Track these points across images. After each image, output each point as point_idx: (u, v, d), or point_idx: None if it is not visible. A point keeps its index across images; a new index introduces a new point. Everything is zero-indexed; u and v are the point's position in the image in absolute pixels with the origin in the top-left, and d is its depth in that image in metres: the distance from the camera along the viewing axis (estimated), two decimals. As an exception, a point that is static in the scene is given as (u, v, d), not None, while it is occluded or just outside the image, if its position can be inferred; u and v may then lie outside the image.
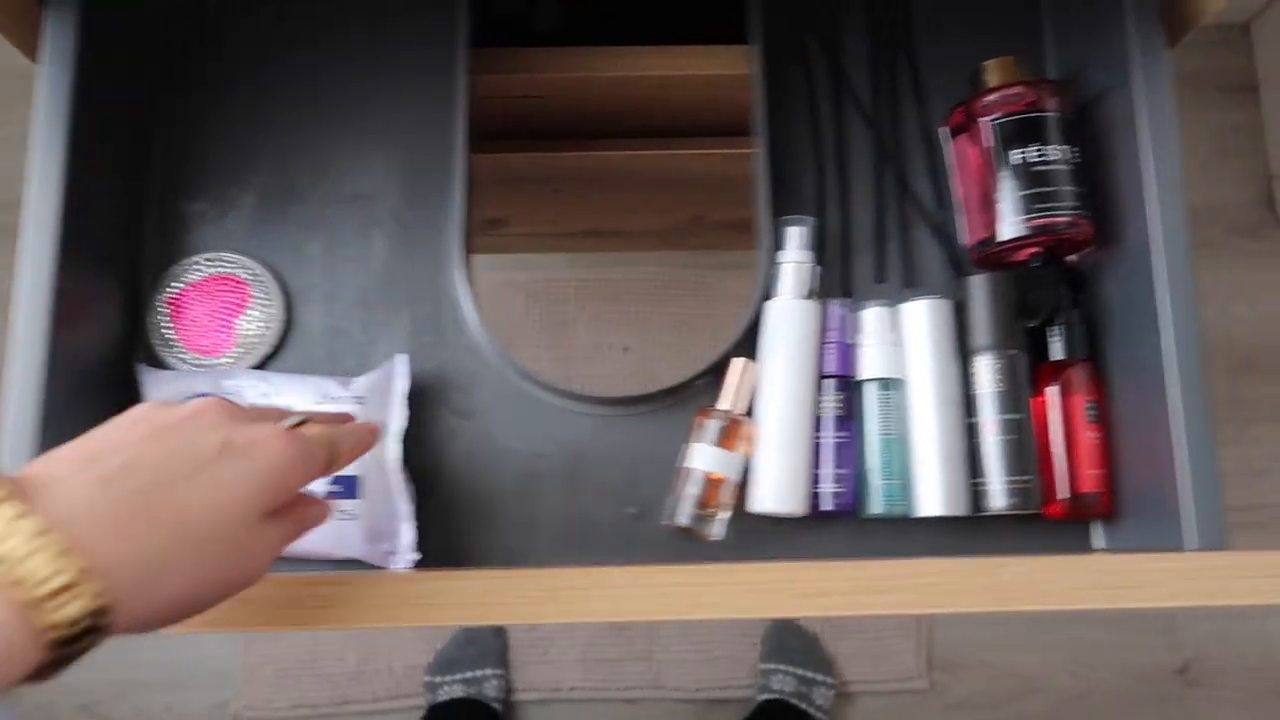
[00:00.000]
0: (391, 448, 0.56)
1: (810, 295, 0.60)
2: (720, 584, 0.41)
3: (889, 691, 1.37)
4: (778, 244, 0.61)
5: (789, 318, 0.59)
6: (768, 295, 0.60)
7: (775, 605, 0.41)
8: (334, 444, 0.41)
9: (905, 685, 1.37)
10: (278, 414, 0.42)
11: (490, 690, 1.31)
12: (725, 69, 0.67)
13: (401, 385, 0.57)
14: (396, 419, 0.56)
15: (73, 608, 0.30)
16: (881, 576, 0.42)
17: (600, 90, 0.71)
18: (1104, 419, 0.58)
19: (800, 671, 1.34)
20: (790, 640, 1.36)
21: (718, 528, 0.57)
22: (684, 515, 0.57)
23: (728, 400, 0.59)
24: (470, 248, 0.63)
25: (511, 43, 0.70)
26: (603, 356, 1.44)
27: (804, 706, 1.30)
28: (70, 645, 0.31)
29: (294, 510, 0.40)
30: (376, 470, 0.56)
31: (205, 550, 0.35)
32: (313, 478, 0.40)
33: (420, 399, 0.60)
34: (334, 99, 0.65)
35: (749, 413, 0.59)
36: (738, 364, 0.59)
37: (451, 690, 1.31)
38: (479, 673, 1.32)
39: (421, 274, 0.62)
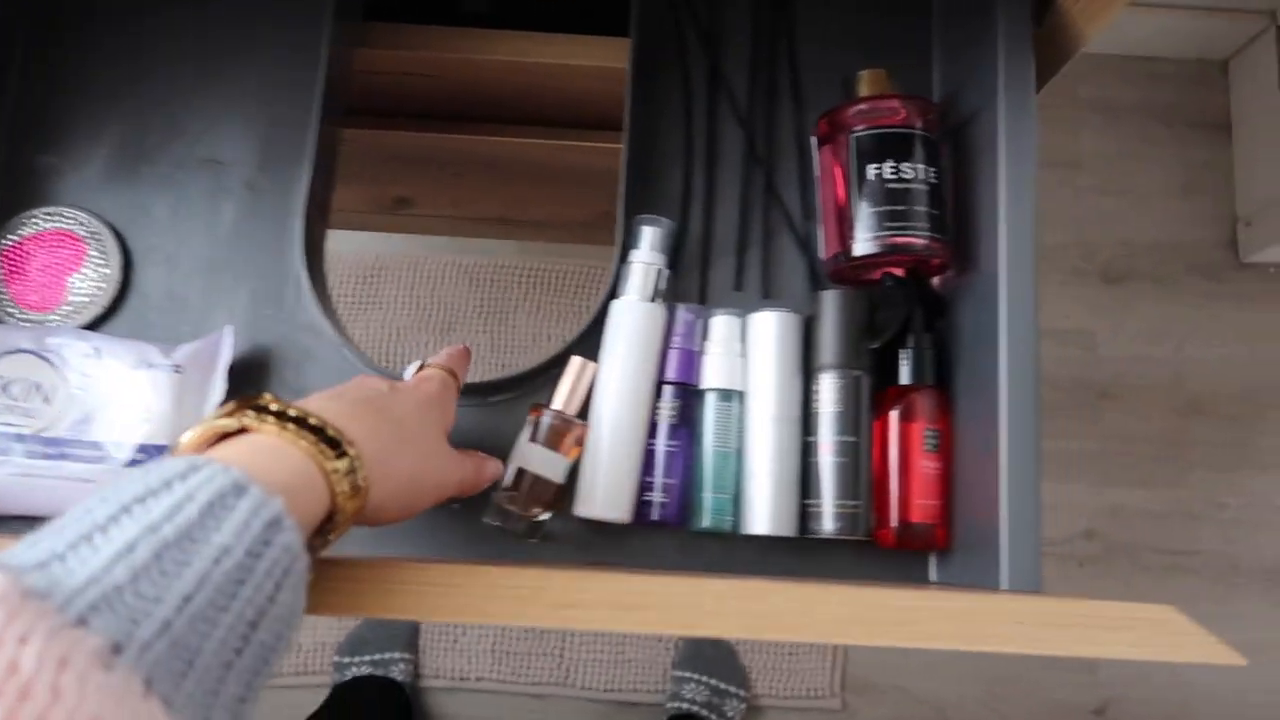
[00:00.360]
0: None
1: (656, 298, 0.58)
2: (468, 587, 0.40)
3: (799, 709, 1.35)
4: (630, 242, 0.59)
5: (631, 319, 0.58)
6: (616, 294, 0.59)
7: (520, 613, 0.39)
8: (451, 368, 0.52)
9: (816, 703, 1.35)
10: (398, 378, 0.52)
11: (397, 674, 1.30)
12: (611, 60, 0.66)
13: (225, 357, 0.56)
14: (216, 391, 0.55)
15: (351, 481, 0.37)
16: (637, 591, 0.40)
17: (491, 74, 0.70)
18: (946, 449, 0.57)
19: (713, 682, 1.32)
20: (706, 649, 1.35)
21: (537, 529, 0.56)
22: (503, 515, 0.55)
23: (561, 400, 0.57)
24: (324, 223, 0.62)
25: (434, 20, 0.68)
26: (540, 347, 1.42)
27: (714, 718, 1.29)
28: (333, 523, 0.37)
29: (474, 456, 0.51)
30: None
31: (418, 446, 0.43)
32: (455, 396, 0.51)
33: (251, 373, 0.58)
34: (199, 60, 0.63)
35: (584, 413, 0.58)
36: (575, 363, 0.58)
37: (359, 671, 1.30)
38: (387, 655, 1.31)
39: (268, 246, 0.60)
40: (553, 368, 0.59)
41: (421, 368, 0.52)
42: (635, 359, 0.57)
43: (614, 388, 0.57)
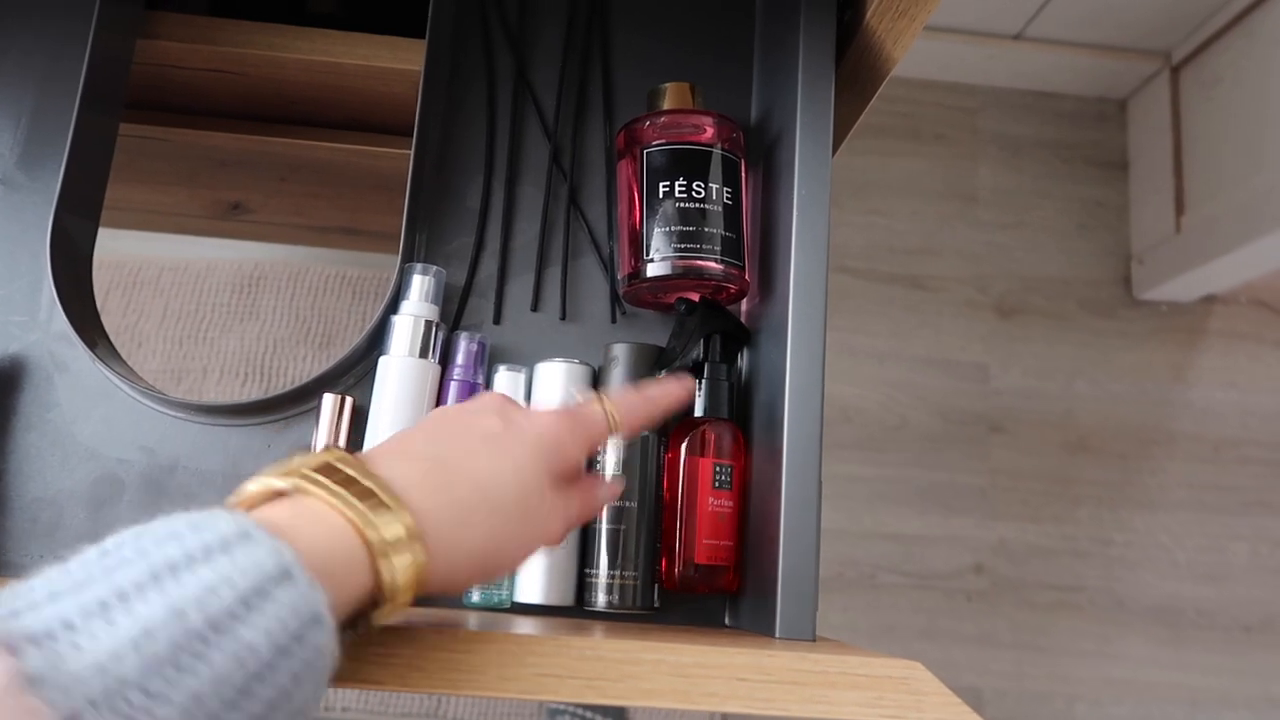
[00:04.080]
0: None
1: (428, 354, 0.54)
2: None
3: (678, 745, 1.31)
4: (400, 291, 0.55)
5: (399, 378, 0.53)
6: (395, 304, 0.55)
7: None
8: (616, 413, 0.43)
9: (696, 741, 1.32)
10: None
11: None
12: (417, 64, 0.62)
13: (-51, 367, 0.51)
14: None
15: (403, 558, 0.33)
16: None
17: (300, 74, 0.66)
18: (740, 487, 0.53)
19: (589, 715, 1.28)
20: (585, 680, 1.30)
21: None
22: None
23: (323, 440, 0.53)
24: (91, 225, 0.57)
25: (285, 20, 0.64)
26: (422, 365, 1.38)
27: (590, 753, 1.25)
28: (385, 600, 0.33)
29: (584, 487, 0.44)
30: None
31: (501, 511, 0.37)
32: (590, 443, 0.42)
33: (-8, 383, 0.53)
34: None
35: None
36: (328, 402, 0.53)
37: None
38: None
39: (22, 248, 0.56)
40: (315, 390, 0.55)
41: (600, 401, 0.44)
42: (404, 419, 0.52)
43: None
